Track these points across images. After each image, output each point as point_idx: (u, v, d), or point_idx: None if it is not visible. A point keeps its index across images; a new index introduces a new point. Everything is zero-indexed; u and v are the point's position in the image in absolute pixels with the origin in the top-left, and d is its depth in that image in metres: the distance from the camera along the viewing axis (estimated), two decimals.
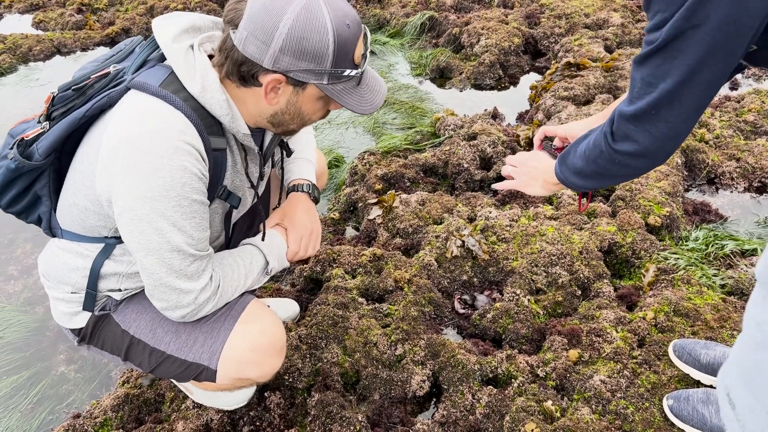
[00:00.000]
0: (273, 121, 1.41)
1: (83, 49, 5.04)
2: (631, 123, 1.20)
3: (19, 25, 5.63)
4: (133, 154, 1.23)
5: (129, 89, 1.32)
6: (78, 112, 1.34)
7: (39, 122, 1.39)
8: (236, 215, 1.64)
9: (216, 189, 1.42)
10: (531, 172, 1.66)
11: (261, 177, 1.63)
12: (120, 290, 1.54)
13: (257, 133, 1.53)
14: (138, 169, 1.23)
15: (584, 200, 2.04)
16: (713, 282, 2.27)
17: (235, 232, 1.67)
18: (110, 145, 1.26)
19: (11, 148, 1.36)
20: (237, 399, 1.87)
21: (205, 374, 1.53)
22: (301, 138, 1.92)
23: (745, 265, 2.33)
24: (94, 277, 1.48)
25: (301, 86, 1.32)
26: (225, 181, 1.45)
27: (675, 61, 1.07)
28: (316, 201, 1.83)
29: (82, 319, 1.56)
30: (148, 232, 1.27)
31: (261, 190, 1.71)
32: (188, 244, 1.32)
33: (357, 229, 2.89)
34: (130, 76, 1.34)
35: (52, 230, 1.54)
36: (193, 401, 1.91)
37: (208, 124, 1.33)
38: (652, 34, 1.09)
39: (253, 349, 1.53)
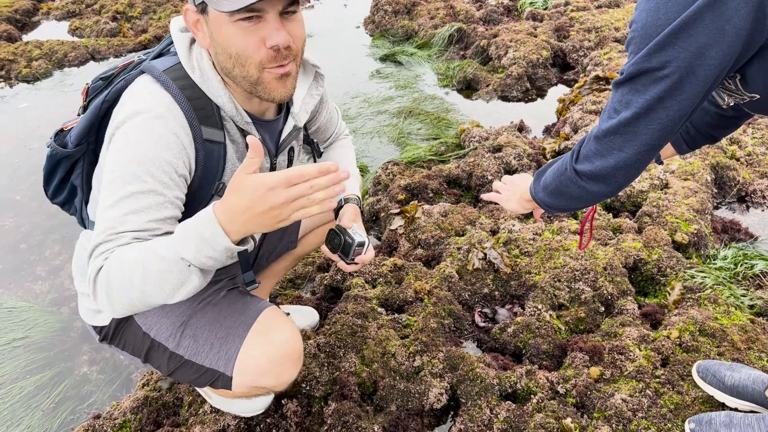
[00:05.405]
0: (225, 72, 1.31)
1: (116, 56, 5.16)
2: (593, 143, 1.25)
3: (56, 31, 5.79)
4: (123, 138, 1.23)
5: (143, 72, 1.35)
6: (99, 98, 1.38)
7: (78, 115, 1.47)
8: None
9: (213, 185, 1.39)
10: (513, 189, 1.74)
11: (273, 169, 1.56)
12: None
13: (271, 123, 1.49)
14: (125, 148, 1.22)
15: (585, 235, 2.02)
16: (741, 302, 2.21)
17: (267, 236, 1.64)
18: (109, 134, 1.29)
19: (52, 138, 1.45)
20: (254, 406, 1.87)
21: (221, 381, 1.51)
22: (342, 152, 1.90)
23: None
24: None
25: (205, 11, 1.25)
26: (225, 176, 1.40)
27: (637, 93, 1.12)
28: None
29: (105, 318, 1.58)
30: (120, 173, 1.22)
31: None
32: (155, 200, 1.21)
33: (379, 238, 2.89)
34: (149, 63, 1.37)
35: (84, 221, 1.57)
36: (211, 406, 1.92)
37: (204, 115, 1.31)
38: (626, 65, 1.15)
39: (270, 358, 1.49)
